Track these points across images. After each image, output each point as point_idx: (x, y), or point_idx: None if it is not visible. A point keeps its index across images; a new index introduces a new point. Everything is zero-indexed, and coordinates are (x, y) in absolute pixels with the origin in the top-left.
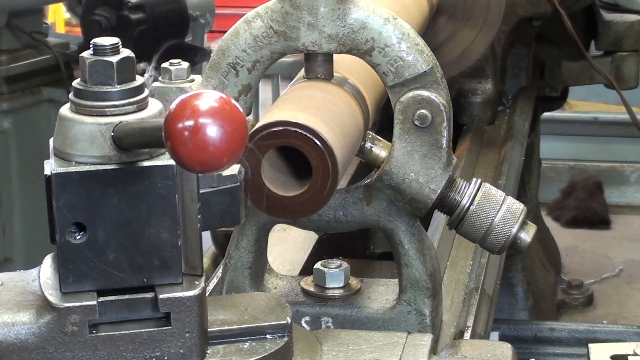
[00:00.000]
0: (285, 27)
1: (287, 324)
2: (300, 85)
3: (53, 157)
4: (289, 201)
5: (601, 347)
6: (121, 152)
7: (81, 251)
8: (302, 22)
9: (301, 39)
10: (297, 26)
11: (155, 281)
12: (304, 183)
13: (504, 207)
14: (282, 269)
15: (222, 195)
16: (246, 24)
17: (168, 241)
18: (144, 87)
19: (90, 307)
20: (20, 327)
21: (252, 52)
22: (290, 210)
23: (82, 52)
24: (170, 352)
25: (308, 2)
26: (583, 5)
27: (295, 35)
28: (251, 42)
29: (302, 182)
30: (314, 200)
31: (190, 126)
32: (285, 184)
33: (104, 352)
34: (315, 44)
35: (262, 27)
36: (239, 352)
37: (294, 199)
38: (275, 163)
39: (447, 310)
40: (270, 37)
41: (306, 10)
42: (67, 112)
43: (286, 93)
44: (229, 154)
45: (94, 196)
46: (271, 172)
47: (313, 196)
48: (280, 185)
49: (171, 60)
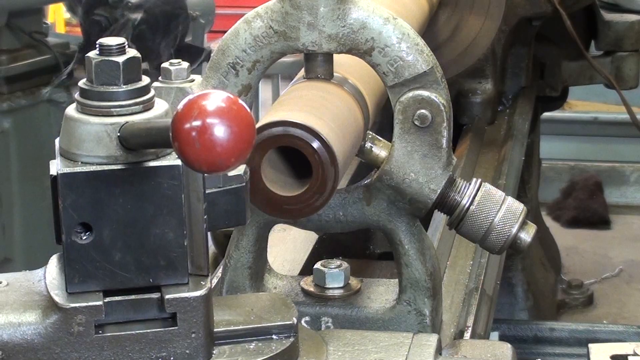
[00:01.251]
0: (285, 27)
1: (293, 324)
2: (300, 85)
3: (59, 157)
4: (289, 201)
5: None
6: (127, 152)
7: (87, 251)
8: (302, 22)
9: (301, 39)
10: (297, 26)
11: (161, 281)
12: (304, 183)
13: (504, 207)
14: (282, 269)
15: (228, 195)
16: (246, 24)
17: (174, 241)
18: (150, 87)
19: (97, 307)
20: (26, 327)
21: (252, 52)
22: (291, 210)
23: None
24: (176, 352)
25: (308, 2)
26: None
27: (295, 35)
28: (251, 42)
29: (302, 182)
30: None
31: (197, 126)
32: (285, 184)
33: (110, 352)
34: (315, 44)
35: (262, 27)
36: (245, 352)
37: (294, 199)
38: (275, 163)
39: (447, 310)
40: (270, 37)
41: (306, 10)
42: (73, 112)
43: (286, 93)
44: (237, 154)
45: (100, 196)
46: (271, 172)
47: (313, 196)
48: (280, 185)
49: (171, 60)
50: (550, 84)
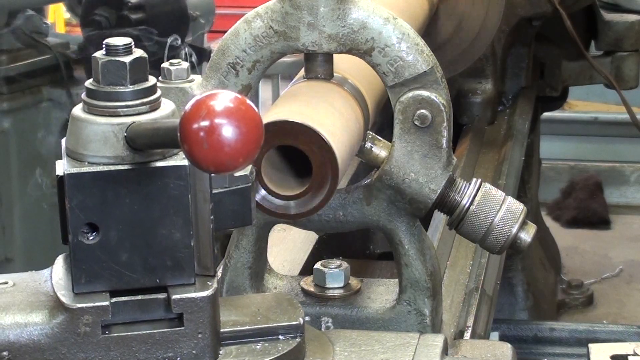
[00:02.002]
0: (285, 27)
1: (299, 324)
2: (300, 85)
3: (65, 157)
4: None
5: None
6: (134, 152)
7: (94, 252)
8: (302, 22)
9: (301, 39)
10: (297, 26)
11: (168, 282)
12: (304, 183)
13: (504, 207)
14: (282, 269)
15: (234, 195)
16: (246, 24)
17: (181, 242)
18: (157, 88)
19: (103, 307)
20: (32, 327)
21: (252, 52)
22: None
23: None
24: (183, 352)
25: (308, 2)
26: (583, 5)
27: (295, 35)
28: (251, 42)
29: (302, 182)
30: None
31: (205, 126)
32: (285, 184)
33: (117, 352)
34: (315, 44)
35: (262, 27)
36: (252, 352)
37: (294, 198)
38: (275, 163)
39: (447, 310)
40: (270, 37)
41: (306, 10)
42: (79, 112)
43: (286, 93)
44: (245, 155)
45: (106, 196)
46: (271, 172)
47: (313, 196)
48: (280, 185)
49: (171, 60)
50: (550, 84)
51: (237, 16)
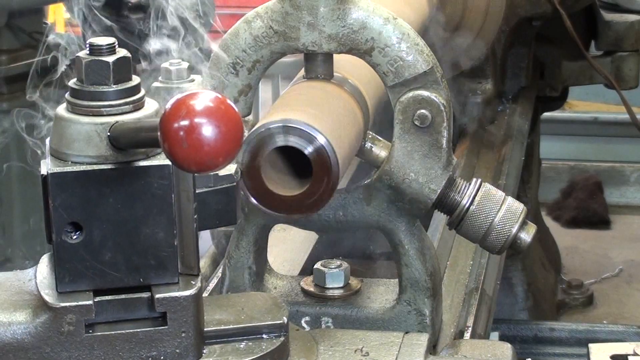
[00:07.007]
0: (285, 27)
1: (283, 323)
2: (300, 85)
3: (49, 156)
4: (289, 201)
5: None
6: (117, 151)
7: (77, 251)
8: (302, 22)
9: (301, 39)
10: (297, 26)
11: (152, 281)
12: (304, 183)
13: (504, 207)
14: (282, 269)
15: (219, 195)
16: (246, 24)
17: (164, 241)
18: (141, 87)
19: (87, 306)
20: (16, 326)
21: (252, 52)
22: (291, 210)
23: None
24: (166, 351)
25: (308, 2)
26: (583, 5)
27: (295, 35)
28: (251, 42)
29: (302, 182)
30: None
31: (185, 126)
32: (285, 184)
33: (101, 351)
34: (315, 44)
35: (262, 27)
36: (236, 351)
37: (294, 198)
38: (275, 163)
39: (447, 310)
40: (270, 37)
41: (306, 10)
42: (63, 112)
43: (286, 93)
44: (224, 154)
45: (90, 196)
46: (271, 172)
47: (313, 196)
48: (280, 185)
49: (171, 60)
50: (550, 84)
51: (237, 16)
